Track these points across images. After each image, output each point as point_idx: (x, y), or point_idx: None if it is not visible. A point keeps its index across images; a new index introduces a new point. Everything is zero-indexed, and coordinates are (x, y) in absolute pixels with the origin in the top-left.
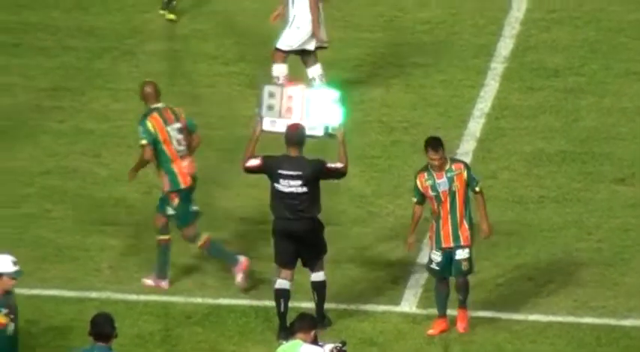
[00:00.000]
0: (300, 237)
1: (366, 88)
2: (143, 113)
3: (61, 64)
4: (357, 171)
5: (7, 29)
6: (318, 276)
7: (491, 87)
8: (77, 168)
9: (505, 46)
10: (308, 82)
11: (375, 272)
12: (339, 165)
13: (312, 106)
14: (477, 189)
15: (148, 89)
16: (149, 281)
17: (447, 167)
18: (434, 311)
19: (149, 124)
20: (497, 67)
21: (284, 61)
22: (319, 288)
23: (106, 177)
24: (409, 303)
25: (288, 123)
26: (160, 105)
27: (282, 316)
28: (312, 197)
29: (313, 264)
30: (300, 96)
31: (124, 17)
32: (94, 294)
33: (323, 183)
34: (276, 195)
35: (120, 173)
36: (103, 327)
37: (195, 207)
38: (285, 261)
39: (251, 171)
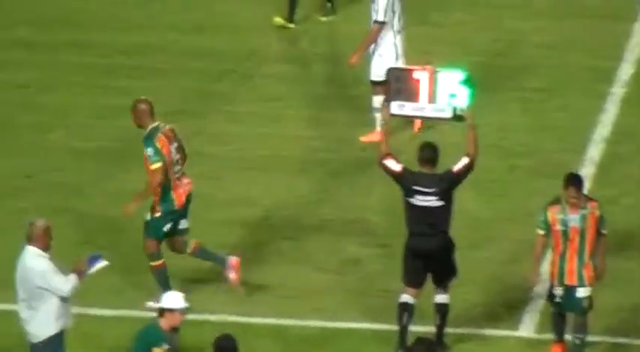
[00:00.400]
0: (433, 255)
1: (483, 112)
2: (147, 133)
3: (180, 87)
4: (473, 194)
5: (126, 52)
6: (442, 298)
7: (610, 112)
8: (196, 191)
9: (625, 70)
10: None
11: (492, 296)
12: (464, 161)
13: (439, 89)
14: (604, 231)
15: (144, 106)
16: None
17: (582, 204)
18: (551, 336)
19: (158, 145)
20: (617, 91)
21: (382, 92)
22: (443, 311)
23: (225, 199)
24: (527, 328)
25: (416, 106)
26: (158, 123)
27: (403, 330)
28: (447, 211)
29: (440, 284)
30: (427, 79)
31: (242, 39)
32: (212, 317)
33: None
34: (411, 209)
35: (239, 196)
36: (227, 349)
37: (183, 225)
38: (414, 281)
39: (385, 170)
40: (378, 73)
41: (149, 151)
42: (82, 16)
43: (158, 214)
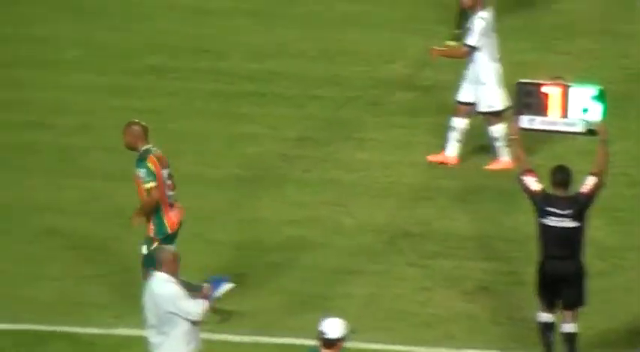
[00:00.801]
0: (568, 278)
1: (610, 139)
2: (139, 155)
3: (307, 114)
4: (601, 223)
5: (253, 78)
6: (570, 327)
7: None
8: (322, 218)
9: None
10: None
11: (621, 324)
12: (592, 180)
13: (571, 103)
14: None
15: (138, 129)
16: None
17: None
18: None
19: (151, 166)
20: None
21: (501, 121)
22: (570, 341)
23: (351, 226)
24: None
25: (547, 120)
26: (151, 146)
27: (549, 349)
28: (582, 233)
29: (570, 310)
30: (558, 93)
31: (368, 67)
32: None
33: None
34: (546, 231)
35: (365, 222)
36: None
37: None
38: (548, 305)
39: (522, 186)
40: (488, 103)
41: (142, 172)
42: (210, 43)
43: (151, 234)
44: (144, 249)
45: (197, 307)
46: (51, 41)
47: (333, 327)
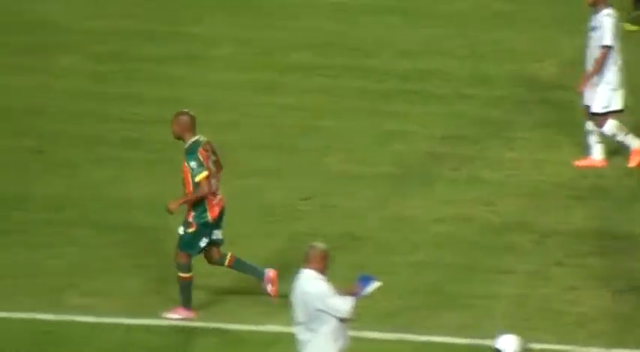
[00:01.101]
0: None
1: None
2: (189, 146)
3: (456, 112)
4: None
5: (403, 77)
6: None
7: None
8: (471, 216)
9: None
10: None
11: None
12: None
13: None
14: None
15: (186, 119)
16: (175, 315)
17: None
18: None
19: (200, 157)
20: None
21: (609, 121)
22: None
23: (500, 225)
24: None
25: None
26: (199, 137)
27: None
28: None
29: None
30: None
31: (517, 66)
32: (487, 342)
33: None
34: None
35: (513, 221)
36: None
37: (216, 236)
38: None
39: None
40: (603, 104)
41: (192, 164)
42: (357, 41)
43: (192, 229)
44: (180, 230)
45: (345, 304)
46: (204, 38)
47: (509, 344)
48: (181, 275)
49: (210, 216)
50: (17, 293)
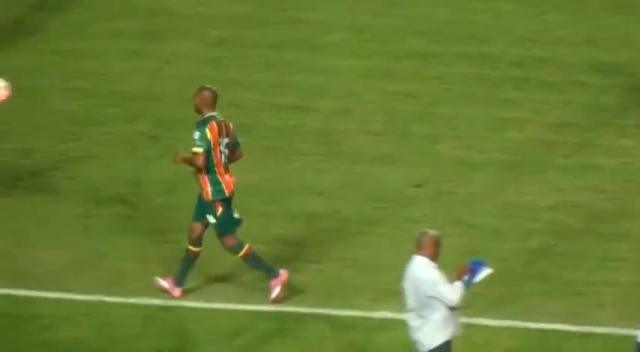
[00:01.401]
0: None
1: None
2: (201, 119)
3: (568, 99)
4: None
5: (518, 64)
6: None
7: None
8: (582, 204)
9: None
10: None
11: None
12: None
13: None
14: None
15: (208, 94)
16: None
17: None
18: None
19: (208, 132)
20: None
21: None
22: None
23: (612, 212)
24: None
25: None
26: (216, 114)
27: None
28: None
29: None
30: None
31: (631, 53)
32: (598, 330)
33: None
34: None
35: (626, 209)
36: None
37: (236, 215)
38: None
39: None
40: None
41: (195, 135)
42: (473, 28)
43: (220, 210)
44: (211, 219)
45: (454, 293)
46: (317, 24)
47: None
48: (241, 254)
49: (226, 190)
50: (127, 278)
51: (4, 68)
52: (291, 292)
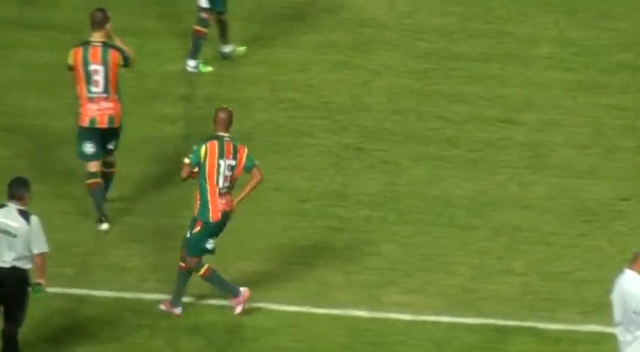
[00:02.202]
0: None
1: None
2: (208, 137)
3: None
4: None
5: None
6: None
7: None
8: None
9: None
10: None
11: None
12: None
13: None
14: None
15: (221, 115)
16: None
17: None
18: None
19: (202, 150)
20: None
21: None
22: None
23: None
24: None
25: None
26: (225, 135)
27: None
28: None
29: None
30: None
31: None
32: None
33: None
34: None
35: None
36: None
37: (210, 245)
38: None
39: None
40: None
41: (193, 147)
42: None
43: (198, 229)
44: (187, 233)
45: None
46: (525, 37)
47: None
48: (200, 274)
49: (211, 216)
50: (333, 289)
51: (212, 80)
52: (494, 303)
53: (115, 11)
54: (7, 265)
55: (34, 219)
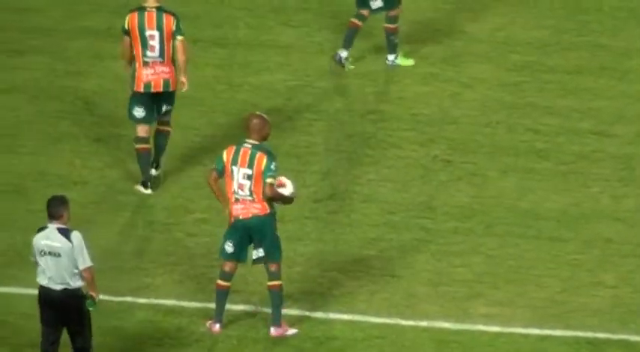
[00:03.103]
0: None
1: None
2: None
3: None
4: None
5: None
6: None
7: None
8: None
9: None
10: None
11: None
12: None
13: None
14: None
15: (252, 121)
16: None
17: None
18: None
19: (224, 155)
20: None
21: None
22: None
23: None
24: None
25: None
26: (249, 142)
27: None
28: None
29: None
30: None
31: None
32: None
33: None
34: None
35: None
36: None
37: (230, 248)
38: None
39: None
40: None
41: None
42: None
43: (226, 231)
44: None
45: None
46: (619, 50)
47: None
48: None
49: (230, 220)
50: (420, 301)
51: (302, 91)
52: (585, 316)
53: (207, 24)
54: (58, 287)
55: (74, 235)
